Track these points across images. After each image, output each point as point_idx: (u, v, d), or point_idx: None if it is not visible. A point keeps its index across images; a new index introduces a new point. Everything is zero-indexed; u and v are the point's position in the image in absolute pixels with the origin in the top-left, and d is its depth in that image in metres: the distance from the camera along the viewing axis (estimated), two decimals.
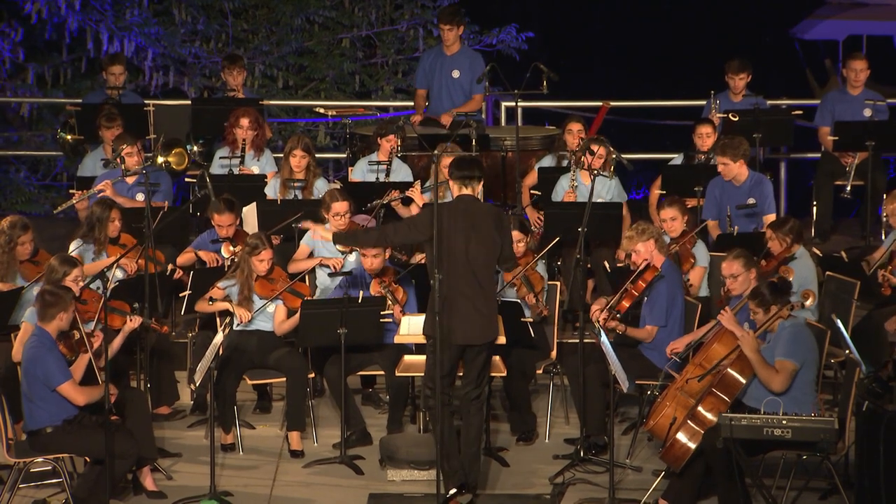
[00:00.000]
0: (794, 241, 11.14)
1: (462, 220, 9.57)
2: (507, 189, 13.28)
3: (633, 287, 10.66)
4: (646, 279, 10.66)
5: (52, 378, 9.48)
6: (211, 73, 18.53)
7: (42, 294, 9.67)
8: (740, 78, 13.93)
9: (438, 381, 9.52)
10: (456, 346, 9.60)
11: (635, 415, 10.99)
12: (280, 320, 11.00)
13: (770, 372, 9.46)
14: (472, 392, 9.75)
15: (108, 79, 14.32)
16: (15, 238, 11.08)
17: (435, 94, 14.36)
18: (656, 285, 10.70)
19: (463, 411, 9.81)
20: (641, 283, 10.66)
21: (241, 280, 10.91)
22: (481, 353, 9.68)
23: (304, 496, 10.10)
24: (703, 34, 21.40)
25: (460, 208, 9.64)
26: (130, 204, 12.22)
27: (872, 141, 13.52)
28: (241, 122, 12.96)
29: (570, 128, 12.99)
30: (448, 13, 14.35)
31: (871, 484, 8.82)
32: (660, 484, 9.84)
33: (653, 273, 10.67)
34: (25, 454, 9.60)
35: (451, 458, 9.65)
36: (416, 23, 18.89)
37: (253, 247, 10.93)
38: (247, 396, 11.59)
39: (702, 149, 13.10)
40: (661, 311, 10.68)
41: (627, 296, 10.66)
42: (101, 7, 17.73)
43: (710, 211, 12.57)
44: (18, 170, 17.87)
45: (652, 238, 10.78)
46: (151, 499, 9.93)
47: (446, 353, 9.56)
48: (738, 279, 10.29)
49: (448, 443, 9.62)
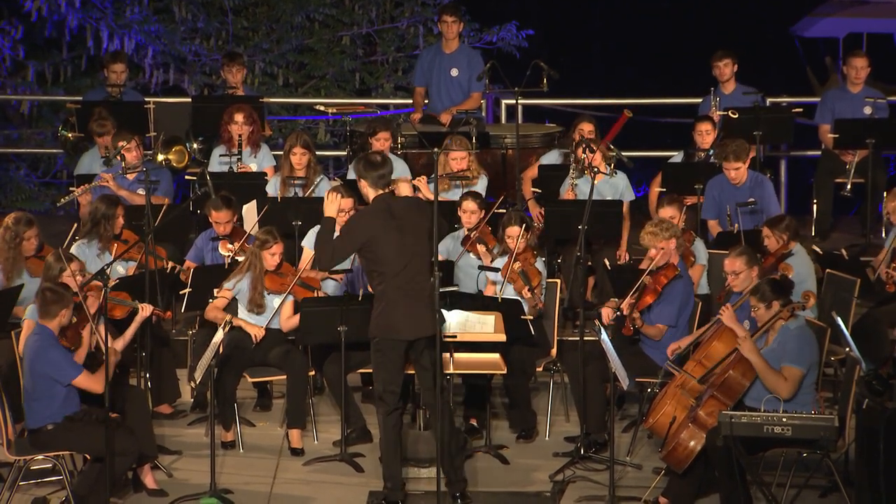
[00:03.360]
0: (790, 238, 11.14)
1: (385, 220, 9.50)
2: (507, 187, 13.27)
3: (654, 283, 10.60)
4: (667, 276, 10.62)
5: (64, 374, 9.48)
6: (211, 70, 18.55)
7: (43, 291, 9.67)
8: (724, 64, 13.92)
9: (438, 381, 9.48)
10: (402, 342, 9.56)
11: (635, 412, 10.99)
12: (287, 315, 10.99)
13: (778, 378, 9.43)
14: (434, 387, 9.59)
15: (109, 77, 14.31)
16: (21, 234, 11.07)
17: (434, 92, 14.36)
18: (673, 284, 10.66)
19: (430, 408, 9.76)
20: (663, 278, 10.61)
21: (253, 276, 10.89)
22: (429, 346, 9.58)
23: (305, 494, 10.11)
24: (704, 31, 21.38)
25: (381, 209, 9.56)
26: (132, 198, 12.22)
27: (873, 139, 13.52)
28: (236, 118, 12.95)
29: (581, 128, 12.85)
30: (453, 5, 14.41)
31: (871, 481, 8.82)
32: (660, 482, 9.84)
33: (674, 271, 10.64)
34: (26, 452, 9.60)
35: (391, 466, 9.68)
36: (416, 20, 18.91)
37: (263, 241, 10.92)
38: (247, 394, 11.59)
39: (702, 146, 13.09)
40: (673, 311, 10.64)
41: (650, 292, 10.61)
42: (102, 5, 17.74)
43: (709, 210, 12.57)
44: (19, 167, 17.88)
45: (674, 237, 10.73)
46: (152, 496, 9.93)
47: (395, 351, 9.55)
48: (740, 276, 10.28)
49: (392, 450, 9.64)
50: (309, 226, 11.77)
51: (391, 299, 9.51)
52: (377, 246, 9.49)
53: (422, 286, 9.53)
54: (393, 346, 9.56)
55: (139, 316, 10.27)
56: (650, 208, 12.86)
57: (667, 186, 12.77)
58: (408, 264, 9.49)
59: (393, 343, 9.55)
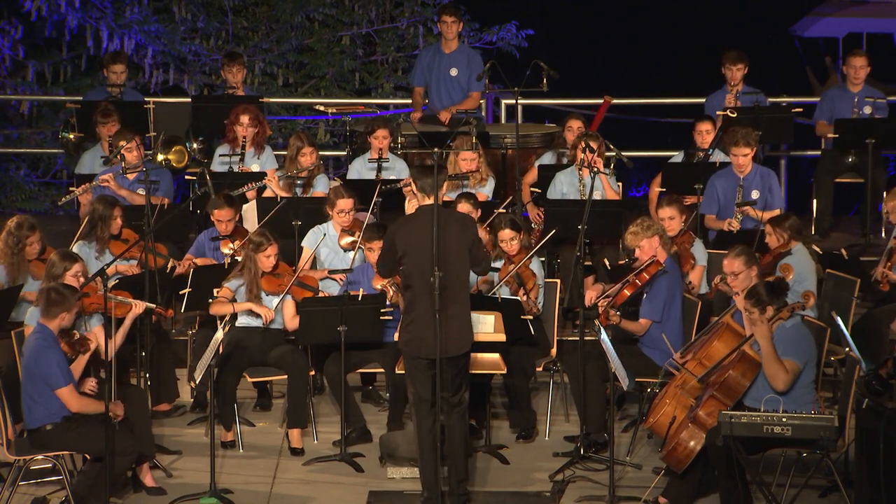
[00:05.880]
0: (791, 237, 11.14)
1: (422, 232, 9.32)
2: (507, 187, 13.28)
3: (635, 278, 10.65)
4: (649, 272, 10.66)
5: (52, 378, 9.46)
6: (211, 70, 18.54)
7: (47, 291, 9.65)
8: (738, 69, 13.93)
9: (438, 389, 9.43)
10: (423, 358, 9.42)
11: (635, 412, 10.99)
12: (291, 315, 10.98)
13: (779, 367, 9.41)
14: (453, 399, 9.55)
15: (109, 77, 14.32)
16: (23, 239, 11.06)
17: (433, 92, 14.36)
18: (658, 280, 10.70)
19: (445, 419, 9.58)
20: (645, 275, 10.66)
21: (249, 279, 10.88)
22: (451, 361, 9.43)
23: (304, 493, 10.11)
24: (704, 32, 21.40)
25: (423, 220, 9.39)
26: (133, 197, 12.23)
27: (873, 139, 13.53)
28: (242, 120, 12.96)
29: (570, 125, 13.00)
30: (452, 5, 14.42)
31: (871, 481, 8.82)
32: (660, 482, 9.84)
33: (657, 267, 10.68)
34: (25, 451, 9.60)
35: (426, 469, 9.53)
36: (416, 20, 18.90)
37: (258, 244, 10.91)
38: (247, 394, 11.59)
39: (702, 146, 13.10)
40: (658, 305, 10.69)
41: (629, 286, 10.65)
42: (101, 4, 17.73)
43: (709, 205, 12.56)
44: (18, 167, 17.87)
45: (657, 235, 10.78)
46: (151, 496, 9.94)
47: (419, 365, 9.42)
48: (739, 276, 10.28)
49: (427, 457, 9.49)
50: (309, 226, 11.78)
51: (418, 314, 9.39)
52: (409, 258, 9.39)
53: (452, 302, 9.31)
54: (416, 361, 9.50)
55: (131, 313, 10.26)
56: (650, 208, 12.86)
57: (667, 186, 12.77)
58: (440, 279, 9.22)
59: (418, 357, 9.48)
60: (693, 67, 15.11)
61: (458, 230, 9.42)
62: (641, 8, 22.61)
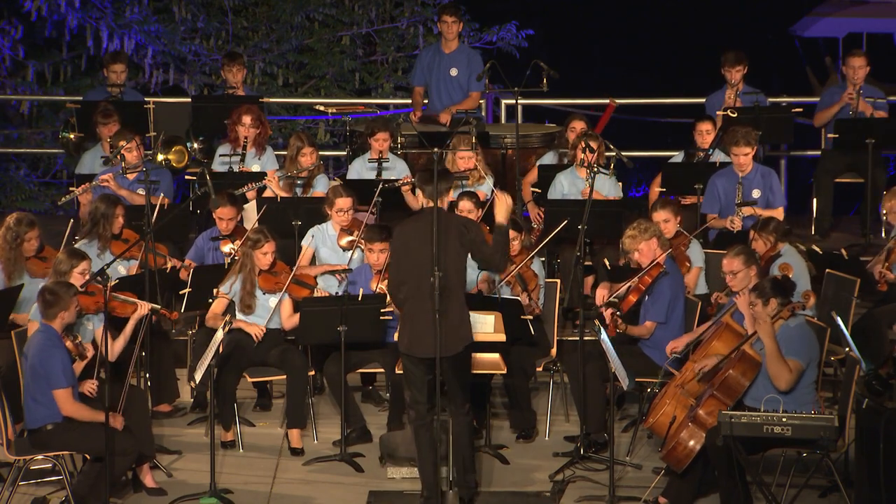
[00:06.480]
0: (777, 239, 11.15)
1: (420, 233, 9.35)
2: (507, 187, 13.27)
3: (639, 282, 10.65)
4: (651, 275, 10.66)
5: (52, 378, 9.45)
6: (211, 70, 18.55)
7: (42, 293, 9.65)
8: (737, 70, 13.92)
9: (438, 389, 9.43)
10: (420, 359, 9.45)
11: (635, 412, 10.99)
12: (288, 314, 10.98)
13: (783, 366, 9.41)
14: (458, 399, 9.58)
15: (109, 77, 14.32)
16: (21, 235, 11.06)
17: (433, 92, 14.36)
18: (660, 282, 10.70)
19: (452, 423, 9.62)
20: (647, 278, 10.65)
21: (244, 276, 10.88)
22: (452, 362, 9.46)
23: (304, 494, 10.11)
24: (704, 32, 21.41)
25: (422, 221, 9.41)
26: (133, 197, 12.23)
27: (873, 139, 13.53)
28: (244, 120, 12.96)
29: (573, 126, 12.97)
30: (452, 5, 14.43)
31: (871, 481, 8.82)
32: (660, 482, 9.84)
33: (658, 269, 10.67)
34: (26, 451, 9.59)
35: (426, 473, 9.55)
36: (416, 20, 18.92)
37: (255, 241, 10.91)
38: (247, 394, 11.59)
39: (702, 146, 13.10)
40: (662, 307, 10.68)
41: (634, 291, 10.65)
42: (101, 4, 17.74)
43: (710, 205, 12.56)
44: (18, 167, 17.89)
45: (654, 237, 10.78)
46: (151, 496, 9.93)
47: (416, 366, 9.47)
48: (738, 276, 10.28)
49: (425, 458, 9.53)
50: (309, 225, 11.78)
51: (413, 314, 9.41)
52: (405, 257, 9.42)
53: (449, 303, 9.32)
54: (413, 362, 9.51)
55: (136, 314, 10.27)
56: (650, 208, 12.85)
57: (667, 187, 12.78)
58: (436, 280, 9.22)
59: (412, 359, 9.51)
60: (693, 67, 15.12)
61: (454, 235, 9.42)
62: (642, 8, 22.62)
